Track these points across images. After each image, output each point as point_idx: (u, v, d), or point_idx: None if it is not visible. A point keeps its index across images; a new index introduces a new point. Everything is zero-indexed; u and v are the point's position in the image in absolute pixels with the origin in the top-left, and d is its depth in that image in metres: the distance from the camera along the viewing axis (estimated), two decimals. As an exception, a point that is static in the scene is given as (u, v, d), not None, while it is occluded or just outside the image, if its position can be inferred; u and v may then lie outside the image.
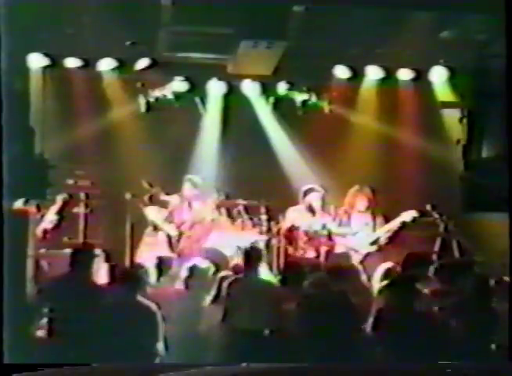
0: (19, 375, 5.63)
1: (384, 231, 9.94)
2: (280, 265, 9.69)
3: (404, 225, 9.97)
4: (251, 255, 7.62)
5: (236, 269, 8.02)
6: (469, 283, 6.58)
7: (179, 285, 7.60)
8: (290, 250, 9.91)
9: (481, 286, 6.61)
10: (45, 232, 9.89)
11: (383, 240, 9.96)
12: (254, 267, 7.48)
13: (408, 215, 9.90)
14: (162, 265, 8.42)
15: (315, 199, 10.13)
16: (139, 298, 6.52)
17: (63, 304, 6.45)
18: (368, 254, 9.81)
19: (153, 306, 6.46)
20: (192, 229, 10.04)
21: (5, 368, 6.14)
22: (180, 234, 9.97)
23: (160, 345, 6.40)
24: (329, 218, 10.06)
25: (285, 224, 10.03)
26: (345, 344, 6.36)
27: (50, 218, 9.92)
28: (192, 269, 7.59)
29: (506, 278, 7.83)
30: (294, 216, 10.11)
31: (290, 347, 6.53)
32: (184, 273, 7.55)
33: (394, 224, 9.94)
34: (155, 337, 6.40)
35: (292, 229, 9.99)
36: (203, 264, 8.21)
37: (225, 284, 7.15)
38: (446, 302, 6.52)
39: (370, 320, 6.39)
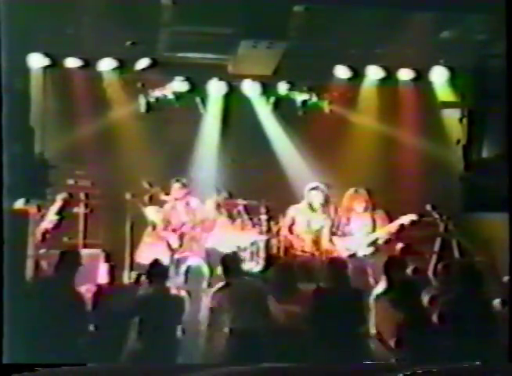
0: (19, 375, 5.64)
1: (382, 233, 9.88)
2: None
3: (403, 227, 9.93)
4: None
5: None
6: (468, 283, 6.58)
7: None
8: (290, 248, 9.91)
9: (481, 286, 6.61)
10: (45, 232, 9.88)
11: (381, 242, 9.92)
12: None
13: (407, 219, 9.83)
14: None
15: (316, 197, 10.10)
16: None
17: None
18: (365, 256, 9.78)
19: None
20: (193, 229, 10.03)
21: (5, 368, 6.14)
22: (181, 237, 9.95)
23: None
24: (328, 220, 10.02)
25: (286, 221, 10.01)
26: (347, 344, 6.36)
27: (50, 217, 9.92)
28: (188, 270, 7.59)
29: (506, 278, 7.84)
30: (295, 213, 10.08)
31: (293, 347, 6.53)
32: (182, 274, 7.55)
33: (393, 227, 9.89)
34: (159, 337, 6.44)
35: (292, 226, 9.98)
36: (199, 263, 8.24)
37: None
38: (445, 302, 6.52)
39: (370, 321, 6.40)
